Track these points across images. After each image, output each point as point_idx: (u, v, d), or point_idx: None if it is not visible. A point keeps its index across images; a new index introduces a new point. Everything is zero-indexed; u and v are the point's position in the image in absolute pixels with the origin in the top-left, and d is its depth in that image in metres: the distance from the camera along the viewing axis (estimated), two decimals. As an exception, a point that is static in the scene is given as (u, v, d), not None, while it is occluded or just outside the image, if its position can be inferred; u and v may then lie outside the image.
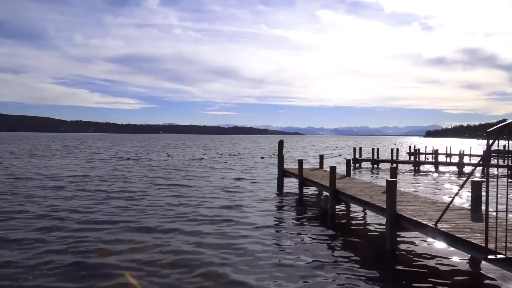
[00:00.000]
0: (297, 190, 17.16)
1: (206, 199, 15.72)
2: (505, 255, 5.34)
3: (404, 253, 8.72)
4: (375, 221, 11.84)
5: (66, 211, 12.95)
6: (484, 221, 5.64)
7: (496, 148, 35.10)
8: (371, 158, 33.92)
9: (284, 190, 18.57)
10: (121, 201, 15.15)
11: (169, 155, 47.13)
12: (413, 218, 8.08)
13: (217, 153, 55.03)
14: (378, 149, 35.95)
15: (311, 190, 17.89)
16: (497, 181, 5.83)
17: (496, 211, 5.57)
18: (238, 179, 23.24)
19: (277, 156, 21.61)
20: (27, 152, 50.65)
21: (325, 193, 15.79)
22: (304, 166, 18.39)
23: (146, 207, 13.95)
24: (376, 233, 10.54)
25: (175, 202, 14.96)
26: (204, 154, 52.29)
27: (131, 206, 14.11)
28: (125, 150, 60.22)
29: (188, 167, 31.71)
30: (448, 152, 38.43)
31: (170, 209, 13.62)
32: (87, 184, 19.97)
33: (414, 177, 26.00)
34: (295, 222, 11.98)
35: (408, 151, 46.25)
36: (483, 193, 7.35)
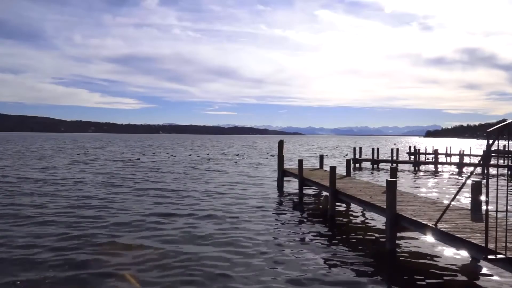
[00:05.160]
0: (297, 190, 17.15)
1: (206, 199, 15.72)
2: (505, 255, 5.34)
3: (404, 253, 8.72)
4: (375, 221, 11.85)
5: (66, 211, 12.96)
6: (484, 221, 5.64)
7: (496, 148, 35.12)
8: (371, 158, 33.93)
9: (284, 190, 18.57)
10: (122, 202, 15.16)
11: (175, 156, 47.15)
12: (413, 218, 8.08)
13: (223, 153, 55.00)
14: (378, 149, 35.97)
15: (311, 190, 17.89)
16: (497, 181, 5.83)
17: (496, 211, 5.57)
18: (238, 179, 23.25)
19: (277, 156, 21.61)
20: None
21: (325, 193, 15.80)
22: (304, 166, 18.38)
23: (147, 208, 13.95)
24: (376, 233, 10.54)
25: (176, 202, 14.96)
26: (207, 154, 52.36)
27: (132, 207, 14.11)
28: (126, 151, 60.20)
29: (191, 167, 31.71)
30: (448, 152, 38.42)
31: (170, 208, 13.62)
32: (87, 185, 19.97)
33: (414, 177, 26.00)
34: (295, 222, 11.97)
35: (408, 151, 46.24)
36: (483, 193, 7.35)
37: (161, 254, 8.53)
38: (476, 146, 73.76)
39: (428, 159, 40.38)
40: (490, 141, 5.50)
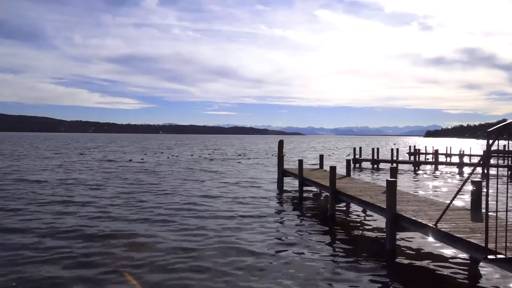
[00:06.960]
0: (297, 190, 17.15)
1: (205, 199, 15.72)
2: (505, 255, 5.34)
3: (404, 253, 8.72)
4: (375, 221, 11.84)
5: (65, 212, 12.97)
6: (484, 221, 5.64)
7: (496, 148, 35.07)
8: (371, 158, 33.92)
9: (284, 190, 18.56)
10: (123, 202, 15.16)
11: (176, 156, 47.16)
12: (413, 218, 8.08)
13: (223, 153, 55.01)
14: (378, 149, 35.96)
15: (311, 190, 17.89)
16: (497, 181, 5.82)
17: (496, 211, 5.56)
18: (238, 179, 23.25)
19: (277, 156, 21.60)
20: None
21: (325, 193, 15.80)
22: (304, 166, 18.38)
23: (148, 208, 13.96)
24: (376, 233, 10.54)
25: (176, 202, 14.97)
26: (209, 154, 52.37)
27: (132, 207, 14.11)
28: (127, 151, 60.19)
29: (192, 167, 31.71)
30: (448, 152, 38.42)
31: (171, 208, 13.63)
32: (87, 186, 19.97)
33: (414, 177, 26.00)
34: (295, 222, 11.97)
35: (408, 151, 46.23)
36: (483, 193, 7.35)
37: (161, 253, 8.52)
38: (476, 146, 73.75)
39: (428, 159, 40.37)
40: (490, 141, 5.50)
